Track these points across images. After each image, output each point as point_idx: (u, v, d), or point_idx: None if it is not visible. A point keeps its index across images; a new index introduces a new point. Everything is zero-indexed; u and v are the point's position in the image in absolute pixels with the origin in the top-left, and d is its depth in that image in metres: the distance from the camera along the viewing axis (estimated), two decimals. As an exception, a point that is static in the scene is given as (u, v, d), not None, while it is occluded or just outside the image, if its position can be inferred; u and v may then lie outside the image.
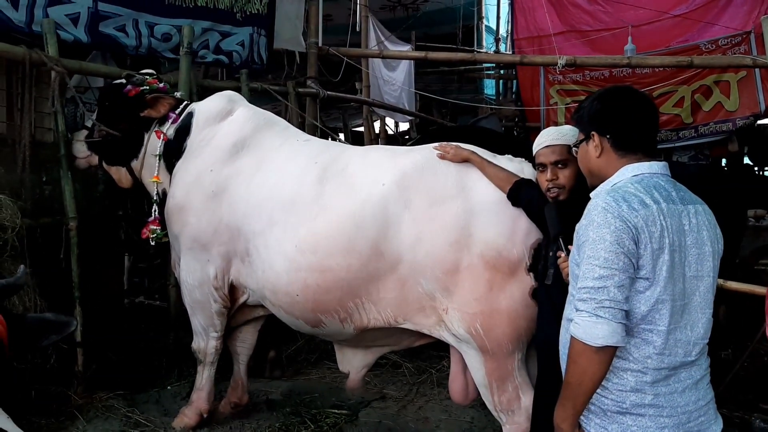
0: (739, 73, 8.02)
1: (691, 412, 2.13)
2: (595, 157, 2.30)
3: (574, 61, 6.59)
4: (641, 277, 2.05)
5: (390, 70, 9.53)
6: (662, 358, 2.09)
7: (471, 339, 3.19)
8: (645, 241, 2.03)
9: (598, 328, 1.99)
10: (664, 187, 2.15)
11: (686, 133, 8.67)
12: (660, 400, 2.10)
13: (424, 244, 3.24)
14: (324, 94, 6.93)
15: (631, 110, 2.26)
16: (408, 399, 4.90)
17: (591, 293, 2.03)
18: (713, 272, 2.19)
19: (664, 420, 2.09)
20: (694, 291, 2.14)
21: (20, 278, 2.22)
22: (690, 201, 2.20)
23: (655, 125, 2.32)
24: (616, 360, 2.11)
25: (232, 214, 3.81)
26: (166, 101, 4.27)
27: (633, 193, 2.09)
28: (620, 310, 2.01)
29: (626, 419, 2.11)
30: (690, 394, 2.14)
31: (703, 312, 2.17)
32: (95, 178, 5.21)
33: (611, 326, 1.99)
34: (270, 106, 9.77)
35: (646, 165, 2.21)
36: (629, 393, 2.11)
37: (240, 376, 4.42)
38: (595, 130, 2.29)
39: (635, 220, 2.03)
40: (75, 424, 4.09)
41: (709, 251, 2.17)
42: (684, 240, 2.11)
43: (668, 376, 2.11)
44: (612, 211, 2.04)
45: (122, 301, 5.95)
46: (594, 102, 2.33)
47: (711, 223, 2.22)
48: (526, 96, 10.00)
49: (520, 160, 3.38)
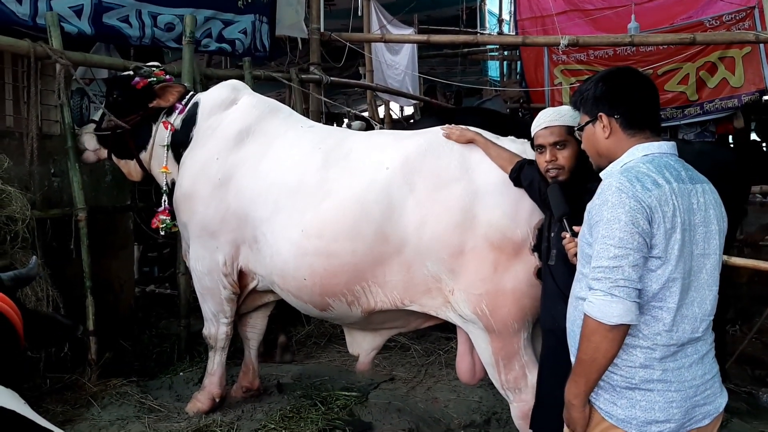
0: (743, 49, 7.98)
1: (697, 386, 2.16)
2: (603, 138, 2.31)
3: (576, 41, 6.59)
4: (654, 256, 2.07)
5: (393, 54, 9.52)
6: (671, 335, 2.12)
7: (477, 319, 3.22)
8: (658, 221, 2.05)
9: (612, 307, 2.02)
10: (674, 167, 2.17)
11: (692, 110, 8.65)
12: (668, 375, 2.13)
13: (428, 226, 3.27)
14: (327, 80, 6.95)
15: (637, 89, 2.29)
16: (417, 380, 4.95)
17: (606, 272, 2.05)
18: (719, 250, 2.21)
19: (672, 394, 2.12)
20: (701, 268, 2.16)
21: (32, 269, 2.25)
22: (698, 180, 2.22)
23: (658, 103, 2.34)
24: (626, 337, 2.13)
25: (238, 201, 3.85)
26: (175, 90, 4.30)
27: (645, 173, 2.11)
28: (634, 289, 2.04)
29: (635, 394, 2.14)
30: (696, 368, 2.17)
31: (710, 289, 2.19)
32: (103, 168, 5.27)
33: (626, 305, 2.02)
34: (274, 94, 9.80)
35: (655, 145, 2.22)
36: (638, 369, 2.13)
37: (251, 360, 4.47)
38: (603, 111, 2.29)
39: (649, 200, 2.04)
40: (90, 411, 4.16)
41: (715, 229, 2.19)
42: (693, 219, 2.13)
43: (676, 352, 2.14)
44: (626, 191, 2.06)
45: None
46: (599, 84, 2.33)
47: (717, 201, 2.24)
48: (530, 77, 9.97)
49: (523, 141, 3.40)
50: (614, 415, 2.15)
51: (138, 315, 5.93)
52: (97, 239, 4.84)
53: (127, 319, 5.53)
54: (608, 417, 2.16)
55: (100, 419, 4.06)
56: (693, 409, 2.14)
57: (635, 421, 2.12)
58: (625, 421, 2.13)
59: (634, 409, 2.13)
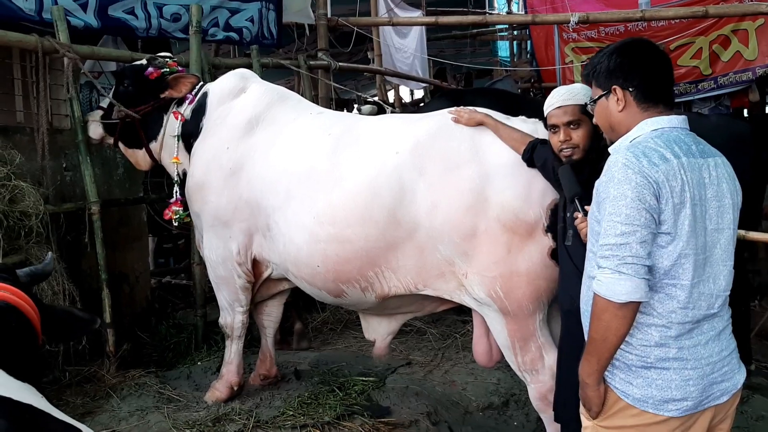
0: (757, 21, 7.85)
1: (714, 363, 2.14)
2: (617, 112, 2.27)
3: (587, 17, 6.51)
4: (663, 232, 2.05)
5: (401, 38, 9.46)
6: (686, 312, 2.09)
7: (491, 302, 3.21)
8: (666, 196, 2.02)
9: (621, 285, 2.00)
10: (684, 141, 2.14)
11: (705, 84, 8.53)
12: (684, 353, 2.10)
13: (440, 210, 3.25)
14: (336, 66, 6.91)
15: (652, 61, 2.24)
16: (434, 364, 4.95)
17: (613, 250, 2.03)
18: (733, 224, 2.18)
19: (689, 372, 2.10)
20: (715, 244, 2.14)
21: (48, 265, 2.25)
22: (709, 154, 2.18)
23: (672, 77, 2.29)
24: (640, 315, 2.11)
25: (250, 190, 3.85)
26: (188, 81, 4.29)
27: (653, 148, 2.07)
28: (643, 265, 2.01)
29: (651, 373, 2.12)
30: (713, 345, 2.15)
31: (724, 264, 2.17)
32: (115, 161, 5.28)
33: (634, 282, 2.00)
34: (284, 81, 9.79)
35: (665, 119, 2.18)
36: (653, 348, 2.11)
37: (268, 348, 4.49)
38: (617, 83, 2.25)
39: (656, 176, 2.01)
40: (109, 403, 4.19)
41: (729, 203, 2.16)
42: (704, 193, 2.10)
43: (692, 329, 2.11)
44: (632, 167, 2.03)
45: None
46: (612, 55, 2.27)
47: (730, 175, 2.21)
48: (540, 56, 9.87)
49: (534, 121, 3.36)
50: (630, 395, 2.14)
51: (155, 306, 5.97)
52: (111, 232, 4.87)
53: (143, 310, 5.57)
54: (624, 396, 2.15)
55: (120, 410, 4.10)
56: (710, 387, 2.12)
57: (651, 400, 2.11)
58: (641, 400, 2.12)
59: (650, 388, 2.11)
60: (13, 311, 1.83)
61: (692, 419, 2.13)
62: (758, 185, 5.06)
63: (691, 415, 2.11)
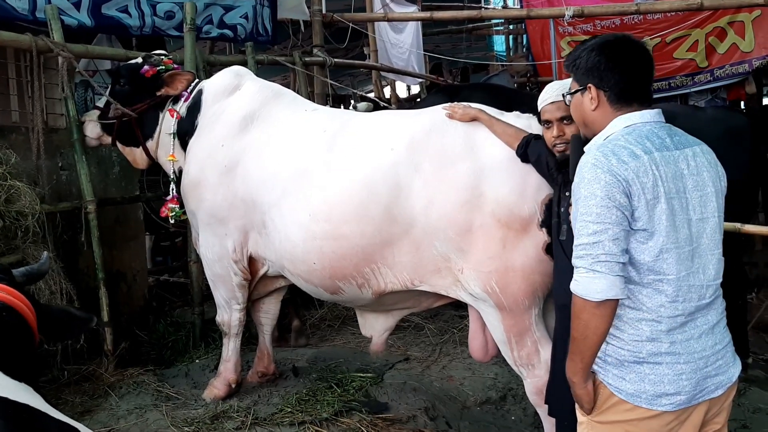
0: (753, 13, 7.84)
1: (708, 357, 2.13)
2: (590, 110, 2.26)
3: (582, 11, 6.52)
4: (639, 229, 2.05)
5: (397, 33, 9.44)
6: (676, 306, 2.09)
7: (487, 297, 3.22)
8: (638, 193, 2.02)
9: (595, 283, 2.01)
10: (658, 135, 2.13)
11: (702, 77, 8.53)
12: (676, 347, 2.10)
13: (435, 206, 3.26)
14: (331, 62, 6.90)
15: (629, 63, 2.21)
16: (432, 359, 4.97)
17: (587, 249, 2.03)
18: (718, 212, 2.18)
19: (681, 366, 2.10)
20: (701, 234, 2.13)
21: (44, 264, 2.26)
22: (687, 144, 2.18)
23: (650, 76, 2.27)
24: (630, 311, 2.12)
25: (246, 187, 3.86)
26: (184, 78, 4.30)
27: (623, 146, 2.07)
28: (617, 263, 2.02)
29: (643, 368, 2.12)
30: (707, 339, 2.14)
31: (711, 253, 2.16)
32: (111, 160, 5.28)
33: (608, 280, 2.00)
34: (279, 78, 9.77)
35: (637, 114, 2.18)
36: (645, 343, 2.11)
37: (265, 345, 4.50)
38: (593, 82, 2.24)
39: (625, 173, 2.01)
40: (108, 401, 4.21)
41: (711, 191, 2.16)
42: (684, 184, 2.10)
43: (684, 323, 2.11)
44: (601, 166, 2.04)
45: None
46: (592, 53, 2.25)
47: (711, 162, 2.20)
48: (536, 50, 9.85)
49: (528, 116, 3.36)
50: (623, 390, 2.14)
51: (152, 304, 5.97)
52: (108, 231, 4.87)
53: (141, 309, 5.57)
54: (618, 392, 2.15)
55: (119, 408, 4.11)
56: (704, 381, 2.12)
57: (644, 395, 2.11)
58: (634, 395, 2.12)
59: (643, 383, 2.11)
60: (9, 311, 1.84)
61: (686, 413, 2.12)
62: (755, 177, 5.07)
63: (685, 409, 2.11)
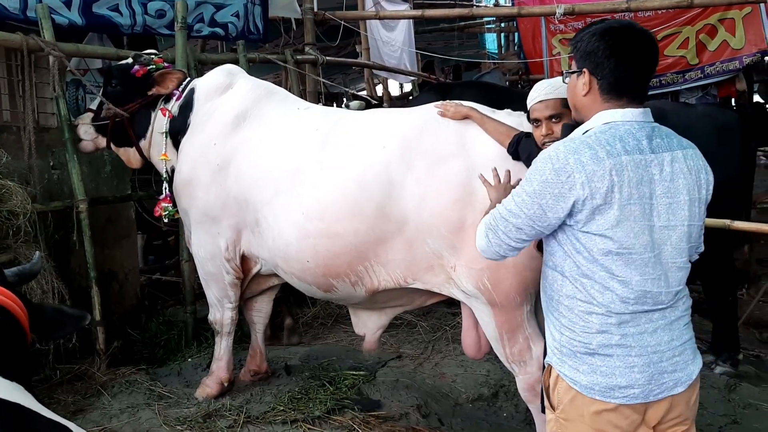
0: (744, 10, 7.87)
1: (663, 352, 2.12)
2: (581, 95, 2.23)
3: (572, 9, 6.54)
4: (581, 231, 2.09)
5: (389, 31, 9.45)
6: (626, 305, 2.09)
7: (480, 294, 3.23)
8: (583, 197, 2.02)
9: (481, 241, 2.29)
10: (634, 136, 2.09)
11: (692, 74, 8.55)
12: (628, 340, 2.10)
13: (428, 204, 3.27)
14: (323, 60, 6.90)
15: (628, 56, 2.14)
16: (424, 357, 4.98)
17: (496, 215, 2.23)
18: (689, 220, 2.14)
19: (633, 359, 2.09)
20: (665, 241, 2.11)
21: (36, 264, 2.25)
22: (667, 149, 2.13)
23: (651, 70, 2.21)
24: (582, 304, 2.13)
25: (238, 185, 3.86)
26: (174, 77, 4.29)
27: (590, 145, 2.05)
28: (506, 244, 2.22)
29: (595, 360, 2.12)
30: (662, 334, 2.13)
31: (674, 261, 2.14)
32: (102, 159, 5.27)
33: (490, 249, 2.27)
34: (271, 76, 9.76)
35: (620, 112, 2.14)
36: (596, 334, 2.11)
37: (258, 344, 4.50)
38: (588, 68, 2.19)
39: (577, 176, 2.01)
40: (100, 400, 4.20)
41: (684, 200, 2.12)
42: (652, 190, 2.08)
43: (636, 317, 2.10)
44: (553, 162, 2.05)
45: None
46: (593, 38, 2.18)
47: (692, 168, 2.15)
48: (528, 48, 9.87)
49: (519, 114, 3.37)
50: (578, 382, 2.14)
51: (144, 303, 5.96)
52: (100, 230, 4.86)
53: (133, 307, 5.56)
54: (573, 384, 2.15)
55: (111, 408, 4.10)
56: (660, 376, 2.11)
57: (597, 386, 2.11)
58: (588, 387, 2.12)
59: (596, 374, 2.11)
60: (0, 311, 1.84)
61: (644, 408, 2.12)
62: (746, 174, 5.10)
63: (644, 403, 2.11)
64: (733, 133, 4.87)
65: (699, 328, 5.47)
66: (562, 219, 2.10)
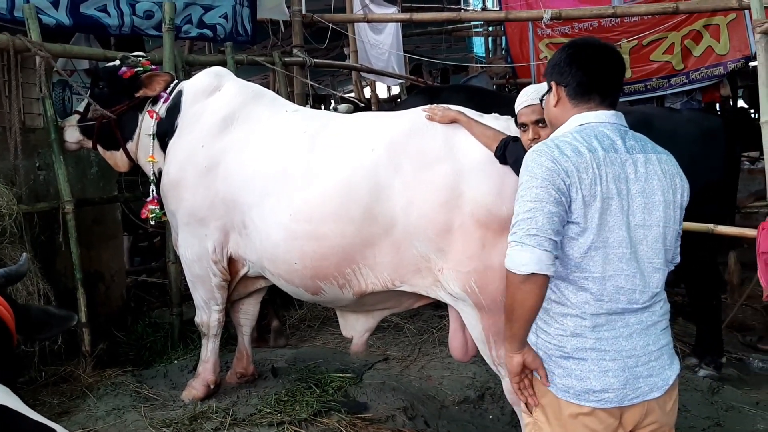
0: (728, 16, 7.96)
1: (638, 357, 2.14)
2: (552, 107, 2.33)
3: (559, 14, 6.57)
4: (573, 221, 2.08)
5: (377, 34, 9.46)
6: (601, 304, 2.11)
7: (466, 297, 3.24)
8: (575, 186, 2.05)
9: (522, 255, 2.01)
10: (608, 136, 2.16)
11: (678, 79, 8.64)
12: (602, 344, 2.12)
13: (415, 206, 3.28)
14: (311, 62, 6.91)
15: (588, 60, 2.25)
16: (411, 359, 4.99)
17: (520, 224, 2.06)
18: (664, 222, 2.18)
19: (608, 363, 2.11)
20: (641, 240, 2.14)
21: (23, 266, 2.25)
22: (640, 150, 2.19)
23: (613, 76, 2.30)
24: (556, 306, 2.15)
25: (226, 187, 3.85)
26: (161, 79, 4.28)
27: (568, 142, 2.12)
28: (547, 238, 2.01)
29: (569, 363, 2.13)
30: (637, 338, 2.15)
31: (650, 261, 2.17)
32: (88, 160, 5.25)
33: (535, 253, 2.00)
34: (259, 78, 9.75)
35: (593, 114, 2.21)
36: (570, 338, 2.13)
37: (244, 346, 4.49)
38: (555, 79, 2.31)
39: (565, 165, 2.06)
40: (86, 402, 4.17)
41: (659, 201, 2.16)
42: (627, 188, 2.12)
43: (611, 321, 2.12)
44: (544, 155, 2.09)
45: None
46: (557, 53, 2.34)
47: (667, 173, 2.21)
48: (515, 52, 9.92)
49: (507, 118, 3.40)
50: (554, 384, 2.16)
51: (130, 305, 5.94)
52: (86, 231, 4.84)
53: (119, 309, 5.54)
54: (549, 387, 2.17)
55: (97, 410, 4.08)
56: (635, 380, 2.12)
57: (572, 390, 2.13)
58: (563, 390, 2.14)
59: (570, 378, 2.13)
60: (-14, 313, 1.83)
61: (620, 412, 2.13)
62: (730, 179, 5.15)
63: (620, 408, 2.12)
64: (717, 138, 4.92)
65: (683, 332, 5.59)
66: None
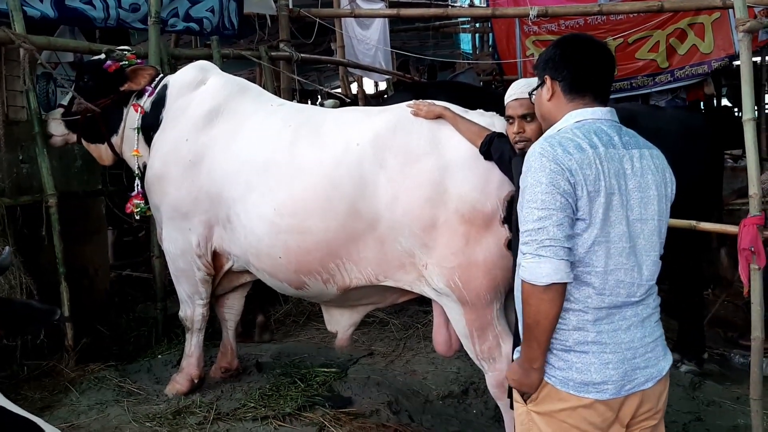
0: (713, 15, 7.98)
1: (636, 349, 2.18)
2: (546, 101, 2.34)
3: (546, 11, 6.59)
4: (579, 218, 2.10)
5: (364, 29, 9.44)
6: (602, 298, 2.14)
7: (450, 292, 3.26)
8: (580, 184, 2.07)
9: (541, 268, 2.04)
10: (606, 132, 2.19)
11: (662, 77, 8.65)
12: (603, 337, 2.15)
13: (400, 202, 3.29)
14: (297, 57, 6.89)
15: (584, 56, 2.29)
16: (395, 354, 5.01)
17: (532, 235, 2.07)
18: (658, 215, 2.22)
19: (608, 356, 2.14)
20: (639, 234, 2.18)
21: (5, 259, 2.24)
22: (634, 146, 2.23)
23: (607, 72, 2.34)
24: None
25: (210, 181, 3.85)
26: (146, 72, 4.27)
27: (570, 138, 2.13)
28: (562, 247, 2.05)
29: (570, 356, 2.16)
30: (635, 331, 2.19)
31: (647, 254, 2.21)
32: (73, 153, 5.21)
33: (553, 264, 2.03)
34: (246, 72, 9.71)
35: (590, 110, 2.24)
36: (572, 331, 2.16)
37: (229, 341, 4.49)
38: (548, 74, 2.32)
39: (569, 163, 2.07)
40: (68, 397, 4.16)
41: (654, 195, 2.21)
42: (625, 183, 2.15)
43: (611, 314, 2.16)
44: (547, 155, 2.09)
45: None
46: (550, 49, 2.36)
47: (657, 167, 2.25)
48: (502, 49, 9.90)
49: (492, 114, 3.42)
50: (553, 377, 2.18)
51: (114, 299, 5.91)
52: (69, 225, 4.80)
53: (103, 303, 5.52)
54: (548, 379, 2.19)
55: (79, 404, 4.07)
56: (633, 372, 2.16)
57: (572, 382, 2.15)
58: (563, 382, 2.16)
59: (571, 370, 2.15)
60: (-34, 306, 1.82)
61: (618, 403, 2.16)
62: (714, 176, 5.19)
63: (616, 399, 2.15)
64: (701, 136, 4.96)
65: (666, 327, 5.58)
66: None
